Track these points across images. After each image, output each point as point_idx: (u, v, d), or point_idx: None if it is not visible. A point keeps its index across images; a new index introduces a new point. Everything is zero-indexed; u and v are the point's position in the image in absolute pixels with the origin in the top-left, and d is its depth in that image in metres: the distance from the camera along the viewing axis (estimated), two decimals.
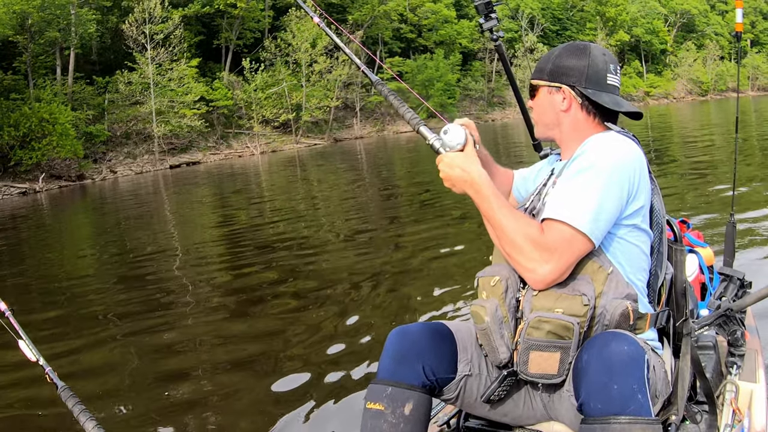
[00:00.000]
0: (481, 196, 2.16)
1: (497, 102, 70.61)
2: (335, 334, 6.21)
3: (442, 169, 2.24)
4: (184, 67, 44.22)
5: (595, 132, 2.33)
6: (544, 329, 2.09)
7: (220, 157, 45.12)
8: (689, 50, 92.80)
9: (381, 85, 2.60)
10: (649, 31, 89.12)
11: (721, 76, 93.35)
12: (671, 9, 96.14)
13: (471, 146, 2.23)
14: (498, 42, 3.68)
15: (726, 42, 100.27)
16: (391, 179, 22.30)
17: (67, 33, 40.30)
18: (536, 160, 2.81)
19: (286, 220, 14.50)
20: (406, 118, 2.43)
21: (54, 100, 37.62)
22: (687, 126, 34.76)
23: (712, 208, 10.00)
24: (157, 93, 42.58)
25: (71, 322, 7.85)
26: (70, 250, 14.31)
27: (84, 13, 40.78)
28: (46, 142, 35.11)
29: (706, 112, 53.74)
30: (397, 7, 62.77)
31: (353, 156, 36.64)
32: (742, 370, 3.16)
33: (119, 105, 42.92)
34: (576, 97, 2.34)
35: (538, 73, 2.41)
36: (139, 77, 42.91)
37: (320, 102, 51.23)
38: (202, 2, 47.96)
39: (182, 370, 5.88)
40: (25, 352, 2.62)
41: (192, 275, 9.85)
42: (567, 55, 2.37)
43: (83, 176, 37.24)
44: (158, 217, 18.64)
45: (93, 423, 2.33)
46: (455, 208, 12.63)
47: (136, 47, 42.98)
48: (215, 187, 26.67)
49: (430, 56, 63.61)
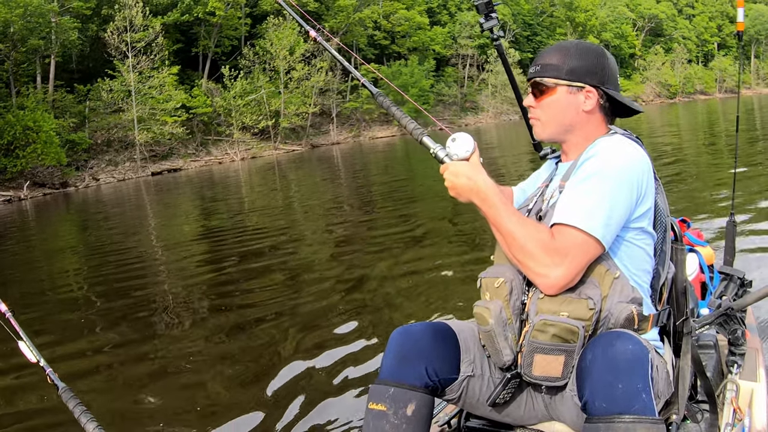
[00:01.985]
0: (488, 204, 2.16)
1: (470, 107, 70.92)
2: (329, 337, 6.19)
3: (448, 178, 2.23)
4: (166, 74, 44.35)
5: (602, 133, 2.35)
6: (549, 332, 2.10)
7: (201, 164, 45.19)
8: (657, 54, 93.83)
9: (382, 96, 2.60)
10: (618, 35, 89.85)
11: (689, 79, 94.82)
12: (639, 14, 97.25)
13: (476, 156, 2.24)
14: (498, 42, 3.60)
15: (693, 45, 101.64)
16: (396, 181, 22.26)
17: (48, 41, 40.32)
18: (510, 162, 3.20)
19: (271, 225, 14.62)
20: (409, 129, 2.41)
21: (38, 108, 37.60)
22: (664, 127, 35.10)
23: (711, 208, 10.09)
24: (138, 101, 42.69)
25: (66, 325, 7.88)
26: (62, 256, 14.20)
27: (66, 22, 40.79)
28: (30, 150, 35.03)
29: (675, 114, 54.68)
30: (372, 14, 62.99)
31: (331, 161, 37.05)
32: (743, 369, 3.17)
33: (100, 113, 42.92)
34: (600, 97, 2.34)
35: (553, 71, 2.34)
36: (120, 85, 42.96)
37: (298, 108, 51.55)
38: (181, 10, 48.16)
39: (181, 370, 5.90)
40: (26, 353, 2.62)
41: (179, 279, 9.91)
42: (586, 54, 2.35)
43: (67, 184, 37.16)
44: (144, 223, 18.69)
45: (94, 424, 2.34)
46: (443, 208, 12.96)
47: (117, 55, 43.07)
48: (198, 194, 26.77)
49: (404, 62, 63.93)
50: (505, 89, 69.83)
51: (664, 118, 49.20)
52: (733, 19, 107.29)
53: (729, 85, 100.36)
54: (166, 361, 6.24)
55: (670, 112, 58.61)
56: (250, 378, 5.50)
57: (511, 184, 2.76)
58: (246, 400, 5.01)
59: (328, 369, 5.40)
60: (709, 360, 3.04)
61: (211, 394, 5.29)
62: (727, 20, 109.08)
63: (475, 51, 71.51)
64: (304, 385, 5.15)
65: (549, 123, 2.38)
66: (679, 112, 59.42)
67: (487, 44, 70.76)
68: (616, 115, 2.40)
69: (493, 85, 70.60)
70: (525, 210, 2.41)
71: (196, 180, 34.63)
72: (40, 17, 39.00)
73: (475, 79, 73.29)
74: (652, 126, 39.04)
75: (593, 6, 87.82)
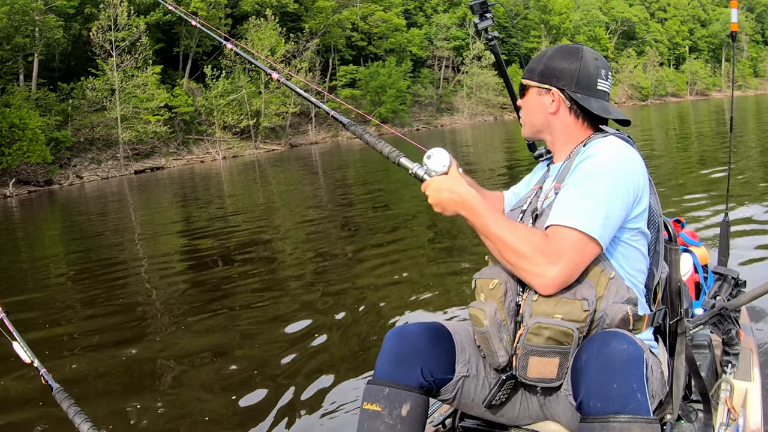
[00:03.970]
0: (474, 213, 2.16)
1: (446, 108, 71.47)
2: (322, 337, 6.18)
3: (431, 195, 2.22)
4: (149, 73, 44.63)
5: (584, 136, 2.36)
6: (543, 335, 2.09)
7: (183, 163, 45.36)
8: (630, 57, 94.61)
9: (354, 126, 2.64)
10: (591, 38, 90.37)
11: (661, 81, 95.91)
12: (612, 17, 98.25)
13: (455, 168, 2.23)
14: (492, 42, 3.60)
15: (665, 48, 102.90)
16: (375, 181, 22.20)
17: (33, 39, 40.39)
18: (483, 162, 3.27)
19: (261, 223, 14.69)
20: (385, 153, 2.40)
21: (23, 106, 37.63)
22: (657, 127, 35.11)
23: (705, 208, 10.01)
24: (122, 99, 42.93)
25: (59, 325, 7.85)
26: (53, 255, 14.07)
27: (50, 20, 40.87)
28: (16, 147, 35.13)
29: (647, 115, 55.41)
30: (351, 15, 63.51)
31: (309, 160, 37.27)
32: (737, 369, 3.19)
33: (83, 111, 43.12)
34: (565, 100, 2.35)
35: (529, 73, 2.41)
36: (103, 84, 43.17)
37: (278, 108, 52.14)
38: (163, 10, 48.37)
39: (175, 371, 5.91)
40: (20, 354, 2.59)
41: (170, 278, 9.98)
42: (559, 57, 2.36)
43: (51, 181, 37.22)
44: (128, 222, 18.64)
45: (88, 425, 2.31)
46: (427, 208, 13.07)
47: (102, 53, 43.25)
48: (182, 191, 26.99)
49: (382, 63, 64.28)
50: (480, 90, 70.69)
51: (638, 119, 49.25)
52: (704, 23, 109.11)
53: (700, 88, 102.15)
54: (159, 362, 6.19)
55: (644, 114, 59.02)
56: (241, 378, 5.48)
57: (488, 183, 2.76)
58: (237, 401, 5.00)
59: (321, 369, 5.38)
60: (704, 360, 3.05)
61: (202, 395, 5.25)
62: (699, 24, 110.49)
63: (451, 53, 72.26)
64: (296, 385, 5.12)
65: (525, 122, 2.49)
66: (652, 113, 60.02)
67: (462, 46, 71.56)
68: (598, 120, 2.39)
69: (469, 87, 71.25)
70: (519, 211, 2.43)
71: (181, 177, 34.72)
72: (24, 15, 39.01)
73: (451, 80, 74.03)
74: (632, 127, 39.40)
75: (567, 9, 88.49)
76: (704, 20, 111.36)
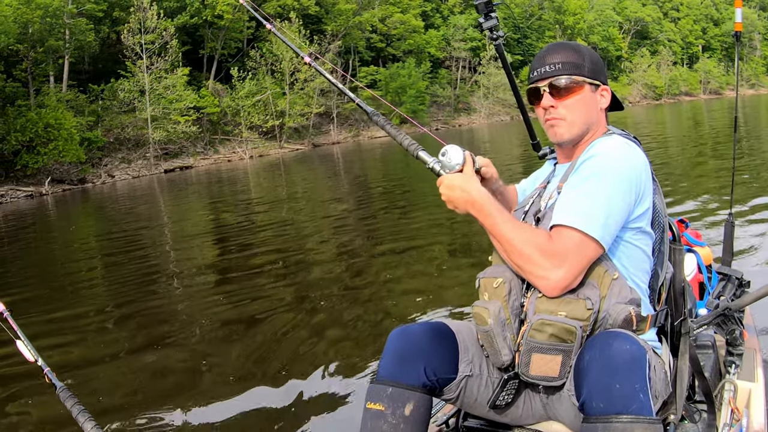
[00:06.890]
0: (484, 213, 2.16)
1: (463, 108, 71.96)
2: (326, 335, 6.25)
3: (443, 192, 2.24)
4: (178, 74, 45.38)
5: (604, 131, 2.37)
6: (546, 332, 2.09)
7: (210, 162, 46.04)
8: (643, 56, 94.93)
9: (377, 116, 2.65)
10: (605, 38, 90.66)
11: (674, 80, 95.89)
12: (626, 17, 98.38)
13: (470, 166, 2.25)
14: (498, 41, 3.57)
15: (679, 48, 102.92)
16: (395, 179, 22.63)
17: (64, 42, 41.14)
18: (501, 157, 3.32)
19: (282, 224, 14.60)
20: (404, 145, 2.43)
21: (58, 107, 38.36)
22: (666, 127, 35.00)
23: (709, 208, 9.97)
24: (152, 101, 43.62)
25: (65, 324, 7.88)
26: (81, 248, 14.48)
27: (81, 23, 41.67)
28: (52, 147, 35.80)
29: (661, 115, 55.10)
30: (371, 18, 64.07)
31: (331, 159, 37.64)
32: (741, 370, 3.15)
33: (113, 112, 43.85)
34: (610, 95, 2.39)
35: (577, 69, 2.31)
36: (133, 85, 43.91)
37: (302, 109, 52.81)
38: (190, 13, 49.33)
39: (180, 370, 5.94)
40: (24, 353, 2.58)
41: (191, 277, 9.92)
42: (593, 54, 2.36)
43: (84, 180, 37.91)
44: (159, 219, 18.97)
45: (92, 423, 2.31)
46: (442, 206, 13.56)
47: (132, 55, 43.96)
48: (214, 190, 27.38)
49: (402, 65, 64.74)
50: (497, 91, 71.05)
51: (652, 118, 49.51)
52: (717, 22, 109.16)
53: (713, 87, 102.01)
54: (165, 361, 6.20)
55: (657, 113, 59.05)
56: (248, 378, 5.48)
57: (504, 182, 2.75)
58: (243, 400, 5.00)
59: (325, 368, 5.37)
60: (707, 360, 3.03)
61: (208, 394, 5.25)
62: (712, 23, 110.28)
63: (468, 53, 72.80)
64: (301, 384, 5.13)
65: (576, 122, 2.34)
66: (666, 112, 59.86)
67: (479, 47, 71.99)
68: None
69: (486, 87, 71.68)
70: (521, 212, 2.44)
71: (211, 176, 35.07)
72: (57, 18, 39.77)
73: (468, 80, 74.59)
74: (641, 125, 39.25)
75: (581, 9, 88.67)
76: (717, 19, 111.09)
